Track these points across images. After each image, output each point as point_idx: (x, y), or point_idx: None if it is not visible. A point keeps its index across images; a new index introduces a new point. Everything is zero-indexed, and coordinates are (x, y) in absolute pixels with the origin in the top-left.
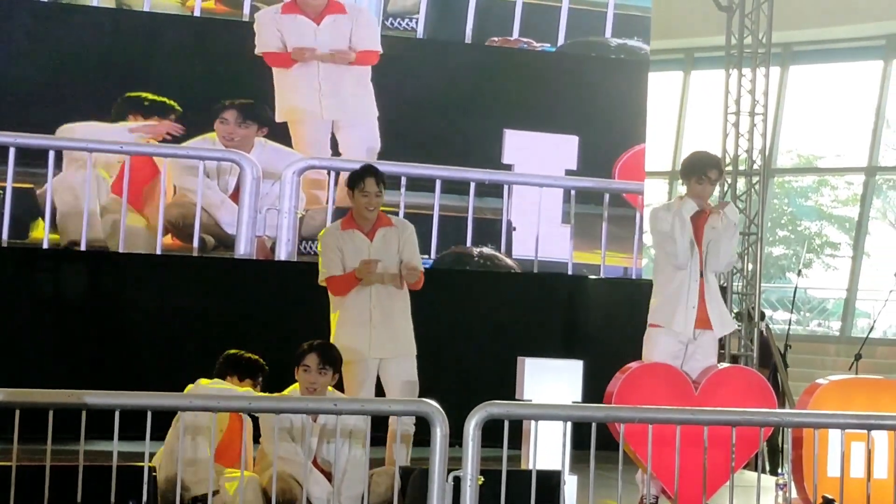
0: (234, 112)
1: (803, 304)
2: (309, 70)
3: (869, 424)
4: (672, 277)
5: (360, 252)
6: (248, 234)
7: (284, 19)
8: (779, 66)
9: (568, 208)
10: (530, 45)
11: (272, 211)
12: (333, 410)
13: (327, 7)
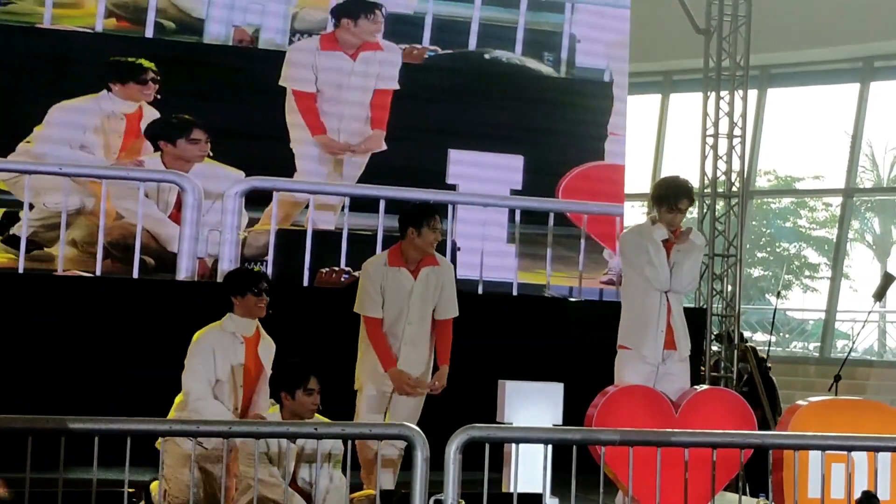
0: (202, 130)
1: (782, 326)
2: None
3: (849, 446)
4: (642, 300)
5: (403, 290)
6: (189, 255)
7: (322, 56)
8: (756, 89)
9: (513, 228)
10: (437, 54)
11: (214, 232)
12: (314, 434)
13: (364, 44)
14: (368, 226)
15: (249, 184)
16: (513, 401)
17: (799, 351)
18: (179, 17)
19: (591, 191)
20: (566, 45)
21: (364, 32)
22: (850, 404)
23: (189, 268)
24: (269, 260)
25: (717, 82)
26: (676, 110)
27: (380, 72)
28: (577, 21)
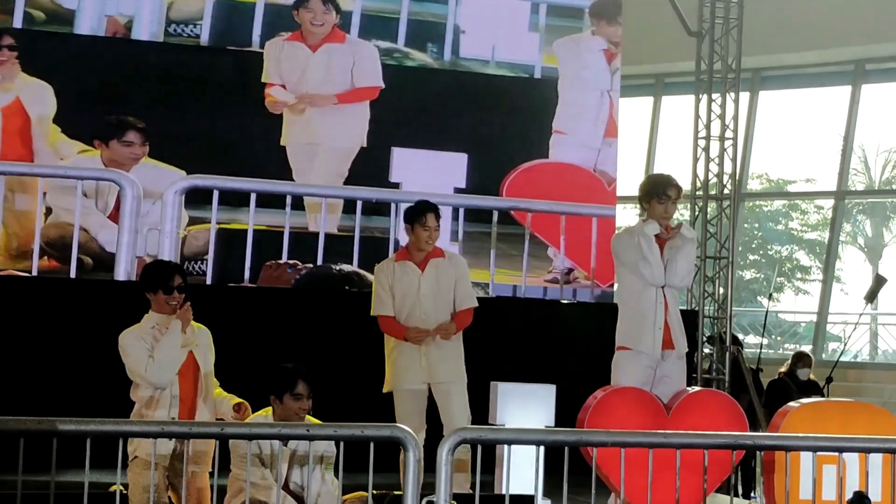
0: (137, 133)
1: (774, 328)
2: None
3: (840, 447)
4: (638, 299)
5: (412, 283)
6: (128, 255)
7: (286, 46)
8: (748, 92)
9: (456, 227)
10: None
11: (153, 231)
12: (306, 436)
13: (327, 36)
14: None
15: (189, 182)
16: (505, 402)
17: (791, 353)
18: (50, 7)
19: (536, 189)
20: (450, 36)
21: (308, 22)
22: (842, 406)
23: (128, 267)
24: (210, 258)
25: (709, 85)
26: (668, 113)
27: (354, 68)
28: (463, 13)
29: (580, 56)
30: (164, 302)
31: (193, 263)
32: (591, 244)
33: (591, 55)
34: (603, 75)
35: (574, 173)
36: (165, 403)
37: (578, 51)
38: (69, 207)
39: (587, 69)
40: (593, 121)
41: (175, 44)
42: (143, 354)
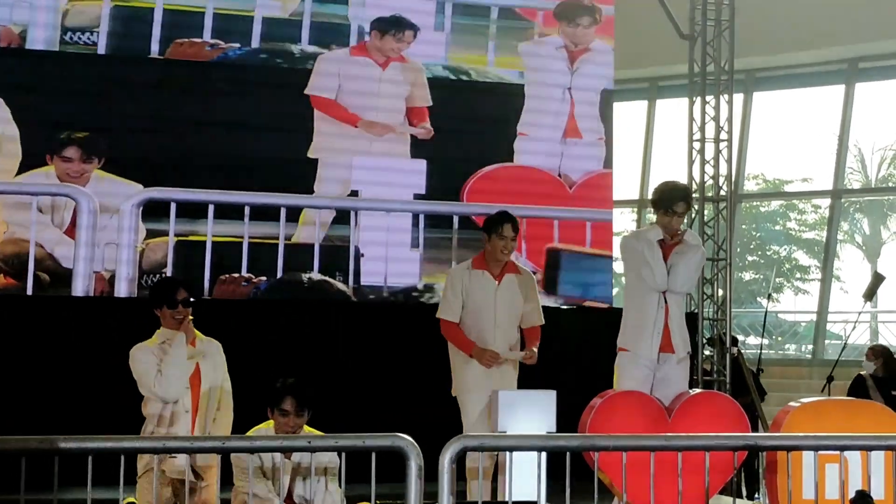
0: (76, 148)
1: (774, 328)
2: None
3: (842, 445)
4: (641, 303)
5: (487, 293)
6: (86, 270)
7: (351, 61)
8: (742, 93)
9: (417, 233)
10: (217, 47)
11: (111, 245)
12: (308, 448)
13: (392, 56)
14: (270, 234)
15: (146, 195)
16: (506, 409)
17: (792, 353)
18: None
19: (496, 193)
20: (354, 38)
21: (387, 48)
22: (843, 404)
23: (85, 283)
24: (168, 271)
25: (703, 87)
26: (663, 116)
27: (412, 90)
28: (368, 14)
29: (541, 58)
30: (171, 316)
31: (152, 277)
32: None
33: (551, 56)
34: (563, 75)
35: (534, 176)
36: (177, 419)
37: (539, 52)
38: (24, 224)
39: (548, 69)
40: (555, 122)
41: (126, 56)
42: (152, 369)
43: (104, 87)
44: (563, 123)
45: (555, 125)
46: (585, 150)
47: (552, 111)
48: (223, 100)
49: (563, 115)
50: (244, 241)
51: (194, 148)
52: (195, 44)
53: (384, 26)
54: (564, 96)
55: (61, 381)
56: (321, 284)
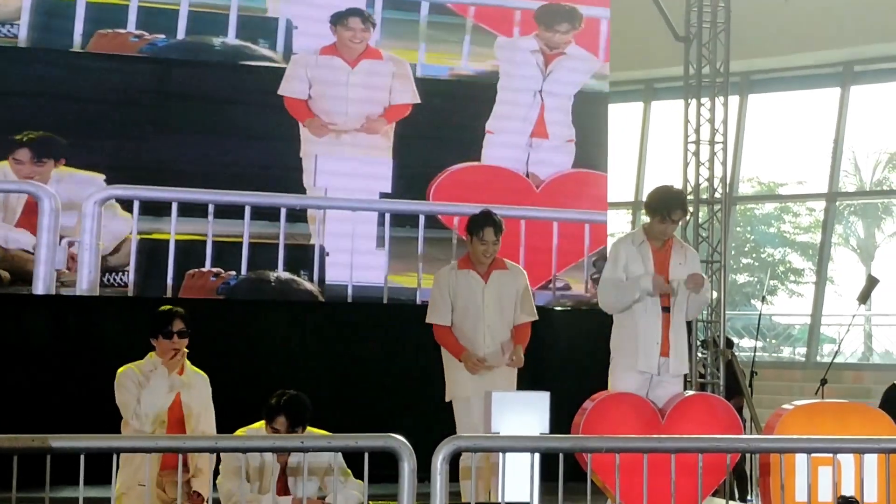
0: (28, 151)
1: (768, 331)
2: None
3: (835, 448)
4: (632, 312)
5: (474, 292)
6: (47, 268)
7: (320, 60)
8: (737, 95)
9: (382, 232)
10: (142, 38)
11: (73, 243)
12: (300, 448)
13: (364, 52)
14: (234, 233)
15: (109, 192)
16: (500, 410)
17: (785, 356)
18: None
19: (463, 192)
20: (282, 30)
21: (348, 39)
22: (836, 407)
23: (46, 281)
24: (131, 269)
25: (698, 89)
26: (658, 118)
27: (392, 86)
28: (290, 11)
29: (514, 57)
30: (166, 347)
31: (114, 275)
32: (520, 246)
33: (524, 56)
34: (535, 77)
35: (501, 175)
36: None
37: (512, 52)
38: None
39: (520, 70)
40: (524, 123)
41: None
42: (133, 397)
43: (32, 86)
44: (531, 124)
45: (523, 126)
46: (554, 150)
47: (520, 113)
48: (151, 96)
49: (532, 117)
50: (208, 240)
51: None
52: (119, 35)
53: (333, 19)
54: (535, 98)
55: (25, 377)
56: (288, 283)
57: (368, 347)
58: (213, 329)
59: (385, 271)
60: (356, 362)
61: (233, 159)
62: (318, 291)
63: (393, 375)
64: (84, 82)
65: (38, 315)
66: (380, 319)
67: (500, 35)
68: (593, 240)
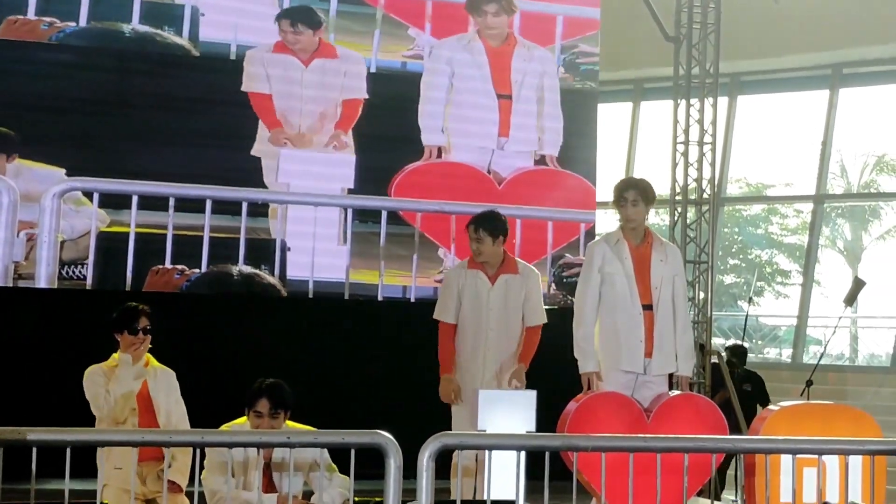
0: None
1: (755, 332)
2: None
3: (820, 449)
4: (612, 313)
5: (480, 296)
6: (4, 261)
7: (273, 59)
8: (727, 96)
9: (345, 227)
10: (53, 26)
11: (31, 235)
12: (287, 444)
13: (317, 50)
14: (195, 226)
15: (68, 184)
16: (486, 408)
17: (771, 357)
18: None
19: (425, 189)
20: (188, 18)
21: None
22: (821, 409)
23: (3, 274)
24: (90, 263)
25: (688, 90)
26: (647, 118)
27: (343, 82)
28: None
29: (467, 55)
30: (129, 343)
31: (72, 268)
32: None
33: (480, 55)
34: (482, 71)
35: (463, 172)
36: None
37: (465, 52)
38: None
39: (476, 68)
40: (485, 120)
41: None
42: (101, 388)
43: None
44: (494, 122)
45: (486, 123)
46: (516, 147)
47: (481, 109)
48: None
49: (493, 114)
50: (168, 233)
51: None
52: (29, 22)
53: (283, 17)
54: (489, 93)
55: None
56: (251, 277)
57: (335, 343)
58: (177, 324)
59: (346, 267)
60: (326, 358)
61: (194, 154)
62: (281, 286)
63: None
64: (23, 74)
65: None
66: (344, 314)
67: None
68: (556, 238)
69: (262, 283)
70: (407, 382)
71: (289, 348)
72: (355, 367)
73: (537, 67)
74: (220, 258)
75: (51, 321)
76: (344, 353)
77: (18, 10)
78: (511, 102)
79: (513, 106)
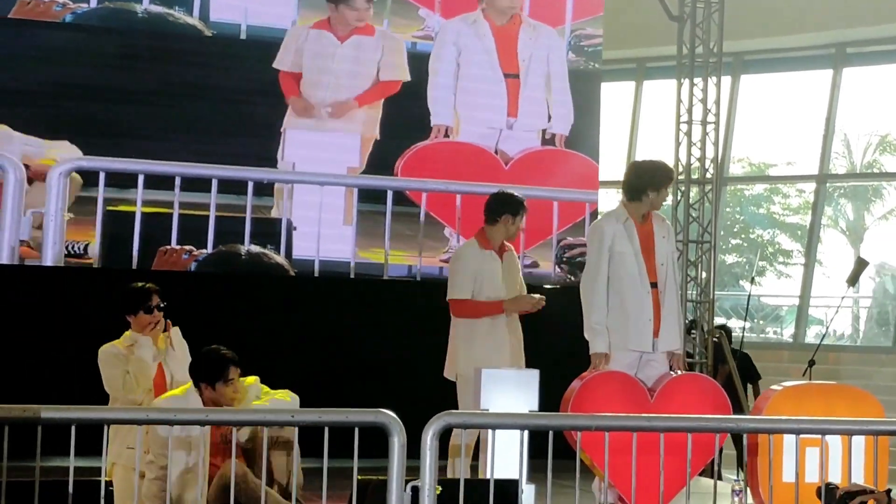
0: None
1: (757, 312)
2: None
3: (823, 429)
4: (620, 291)
5: (494, 273)
6: (11, 239)
7: (311, 34)
8: (730, 76)
9: (350, 206)
10: (66, 7)
11: (37, 214)
12: (292, 422)
13: (356, 28)
14: (201, 204)
15: (74, 163)
16: (489, 388)
17: (773, 337)
18: None
19: (432, 168)
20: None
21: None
22: (824, 389)
23: (10, 252)
24: (97, 242)
25: (691, 69)
26: (650, 97)
27: (381, 61)
28: None
29: (472, 34)
30: (147, 322)
31: (76, 245)
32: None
33: (486, 34)
34: (491, 52)
35: (471, 153)
36: None
37: (470, 31)
38: None
39: (483, 47)
40: (493, 99)
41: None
42: (121, 370)
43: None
44: (500, 102)
45: (491, 103)
46: (524, 127)
47: (489, 89)
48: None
49: (501, 93)
50: (174, 212)
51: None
52: (42, 3)
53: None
54: (496, 72)
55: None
56: (259, 256)
57: (343, 322)
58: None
59: (352, 246)
60: (332, 336)
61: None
62: (288, 265)
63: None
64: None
65: (2, 286)
66: (350, 293)
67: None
68: (562, 218)
69: (269, 263)
70: (412, 361)
71: (295, 327)
72: (361, 346)
73: (543, 46)
74: (225, 237)
75: (57, 298)
76: (350, 331)
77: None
78: (518, 81)
79: (521, 85)
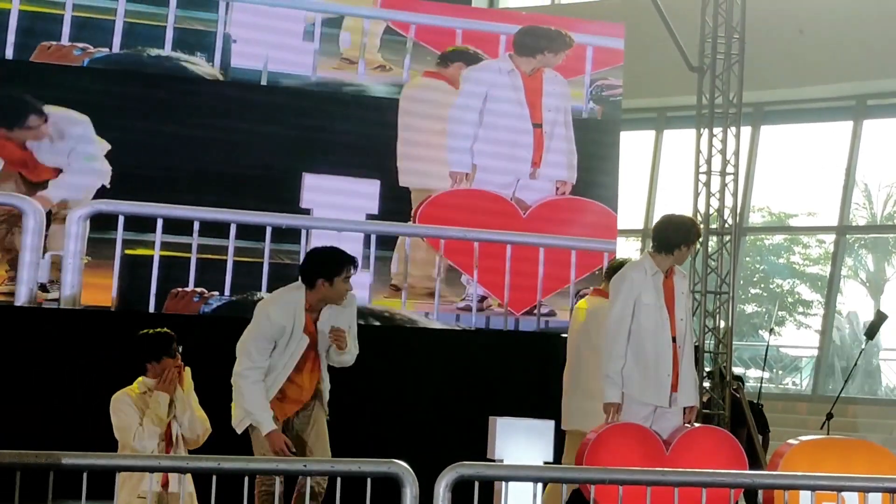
0: (38, 116)
1: (775, 362)
2: None
3: (839, 486)
4: (641, 343)
5: None
6: (29, 282)
7: (423, 83)
8: (750, 126)
9: (367, 253)
10: (86, 51)
11: (56, 256)
12: (303, 472)
13: None
14: (219, 247)
15: (94, 207)
16: (504, 437)
17: (791, 388)
18: None
19: (450, 215)
20: (220, 45)
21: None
22: (841, 444)
23: (29, 296)
24: (115, 285)
25: (711, 119)
26: (670, 147)
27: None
28: (234, 20)
29: (507, 83)
30: (167, 366)
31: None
32: (506, 272)
33: (518, 83)
34: (518, 104)
35: (488, 200)
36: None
37: (506, 82)
38: None
39: (515, 97)
40: (518, 148)
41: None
42: (134, 422)
43: None
44: (525, 152)
45: (514, 153)
46: (545, 176)
47: (510, 140)
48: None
49: (524, 142)
50: (192, 256)
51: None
52: (62, 48)
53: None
54: (525, 121)
55: (10, 391)
56: None
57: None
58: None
59: (368, 292)
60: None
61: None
62: None
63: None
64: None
65: (20, 327)
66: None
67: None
68: (580, 266)
69: None
70: (426, 409)
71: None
72: (374, 393)
73: (562, 96)
74: (243, 281)
75: (74, 339)
76: (363, 378)
77: (53, 37)
78: (542, 131)
79: (544, 135)
